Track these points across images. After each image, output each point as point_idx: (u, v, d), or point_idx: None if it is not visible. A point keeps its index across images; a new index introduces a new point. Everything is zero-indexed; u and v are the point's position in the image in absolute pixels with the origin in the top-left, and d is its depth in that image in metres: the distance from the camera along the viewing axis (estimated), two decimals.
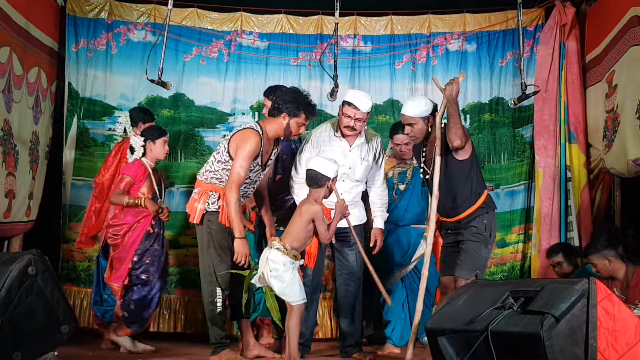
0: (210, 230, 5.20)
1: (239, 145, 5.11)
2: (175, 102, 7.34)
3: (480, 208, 5.10)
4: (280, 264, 4.81)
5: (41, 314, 4.21)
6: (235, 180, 5.05)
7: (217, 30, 7.47)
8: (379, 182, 5.73)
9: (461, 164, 5.06)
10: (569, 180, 7.07)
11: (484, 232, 5.06)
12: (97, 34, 7.29)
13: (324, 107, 7.30)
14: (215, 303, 5.18)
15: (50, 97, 6.96)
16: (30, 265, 4.17)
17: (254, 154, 5.12)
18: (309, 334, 5.61)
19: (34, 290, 4.18)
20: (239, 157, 5.08)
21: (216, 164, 5.24)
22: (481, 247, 5.05)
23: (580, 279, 3.54)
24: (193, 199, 5.29)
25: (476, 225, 5.07)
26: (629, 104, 5.99)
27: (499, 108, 7.43)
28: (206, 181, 5.27)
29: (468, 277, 4.95)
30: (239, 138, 5.16)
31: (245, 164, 5.08)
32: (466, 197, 5.09)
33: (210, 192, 5.22)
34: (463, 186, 5.08)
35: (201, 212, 5.19)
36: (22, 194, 6.36)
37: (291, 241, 4.89)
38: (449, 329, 3.93)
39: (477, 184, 5.14)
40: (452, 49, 7.50)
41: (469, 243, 5.06)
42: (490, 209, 5.18)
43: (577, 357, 3.37)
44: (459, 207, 5.11)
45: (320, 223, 4.95)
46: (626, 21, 6.06)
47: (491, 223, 5.14)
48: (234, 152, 5.14)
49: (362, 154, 5.58)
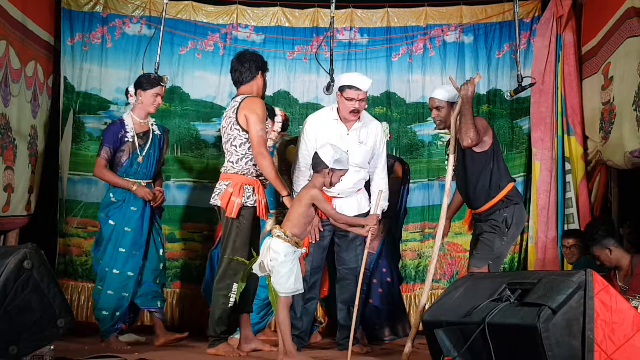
0: (240, 225, 5.19)
1: (249, 113, 5.17)
2: (170, 95, 7.31)
3: (501, 202, 5.16)
4: (281, 254, 4.76)
5: (37, 308, 4.20)
6: (262, 142, 5.13)
7: (212, 23, 7.46)
8: (379, 169, 5.70)
9: (478, 157, 5.13)
10: (569, 172, 7.07)
11: (501, 224, 5.13)
12: (92, 27, 7.26)
13: (320, 101, 7.32)
14: (228, 297, 5.16)
15: (47, 91, 6.94)
16: (26, 259, 4.16)
17: (264, 116, 5.23)
18: (305, 326, 5.60)
19: (29, 284, 4.17)
20: (253, 123, 5.15)
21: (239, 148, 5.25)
22: (495, 238, 5.13)
23: (577, 270, 3.54)
24: (228, 192, 5.21)
25: (496, 217, 5.15)
26: (625, 96, 5.99)
27: (497, 100, 7.44)
28: (240, 172, 5.24)
29: (479, 267, 5.06)
30: (247, 107, 5.20)
31: (262, 125, 5.18)
32: (483, 189, 5.16)
33: (245, 186, 5.21)
34: (480, 179, 5.15)
35: (238, 207, 5.17)
36: (22, 188, 6.35)
37: (291, 227, 4.84)
38: (446, 321, 3.93)
39: (498, 177, 5.19)
40: (449, 41, 7.50)
41: (484, 235, 5.18)
42: (513, 202, 5.20)
43: (573, 349, 3.36)
44: (477, 199, 5.20)
45: (324, 205, 4.94)
46: (622, 12, 6.06)
47: (513, 217, 5.18)
48: (244, 123, 5.19)
49: (360, 137, 5.55)
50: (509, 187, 5.19)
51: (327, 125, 5.55)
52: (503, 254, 5.34)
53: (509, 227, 5.15)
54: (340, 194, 5.49)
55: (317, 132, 5.54)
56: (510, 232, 5.18)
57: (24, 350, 4.18)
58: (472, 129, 4.94)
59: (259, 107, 5.19)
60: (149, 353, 5.20)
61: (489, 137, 5.15)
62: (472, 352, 3.71)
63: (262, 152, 5.10)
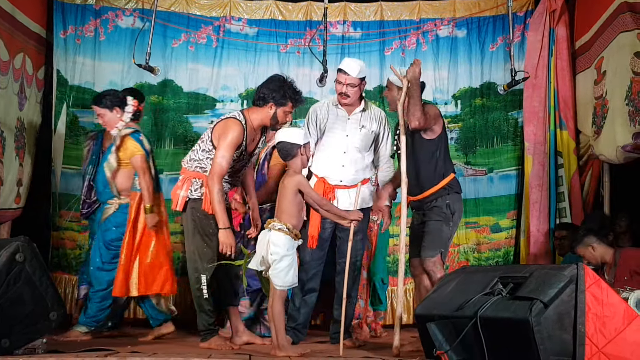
0: (195, 217, 5.17)
1: (221, 135, 5.07)
2: (163, 88, 7.31)
3: (443, 189, 5.25)
4: (283, 247, 4.75)
5: (29, 301, 4.21)
6: (218, 171, 5.00)
7: (205, 16, 7.44)
8: (385, 158, 5.72)
9: (427, 143, 5.22)
10: (561, 166, 7.09)
11: (445, 210, 5.20)
12: (85, 20, 7.23)
13: (313, 94, 7.31)
14: (201, 290, 5.16)
15: (36, 84, 6.89)
16: (18, 252, 4.17)
17: (236, 144, 5.07)
18: (303, 319, 5.60)
19: (22, 277, 4.18)
20: (220, 148, 5.03)
21: (200, 153, 5.21)
22: (442, 226, 5.19)
23: (569, 264, 3.55)
24: (176, 187, 5.25)
25: (438, 205, 5.21)
26: (617, 91, 6.00)
27: (490, 92, 7.44)
28: (190, 169, 5.25)
29: (433, 256, 5.12)
30: (221, 128, 5.11)
31: (227, 154, 5.02)
32: (429, 176, 5.24)
33: (194, 179, 5.19)
34: (427, 165, 5.24)
35: (184, 200, 5.17)
36: (10, 181, 6.33)
37: (289, 219, 4.82)
38: (438, 315, 3.94)
39: (443, 166, 5.29)
40: (442, 35, 7.50)
41: (430, 223, 5.22)
42: (454, 191, 5.31)
43: (565, 342, 3.38)
44: (422, 185, 5.25)
45: (309, 190, 4.93)
46: (615, 7, 6.06)
47: (454, 204, 5.26)
48: (216, 141, 5.10)
49: (361, 122, 5.59)
50: (450, 176, 5.30)
51: (328, 110, 5.63)
52: (450, 240, 5.39)
53: (453, 213, 5.23)
54: (342, 181, 5.51)
55: (319, 119, 5.62)
56: (455, 217, 5.26)
57: (16, 343, 4.19)
58: (419, 110, 5.02)
59: (233, 134, 5.05)
60: (141, 347, 5.20)
61: (439, 126, 5.25)
62: (464, 345, 3.72)
63: (213, 179, 4.98)
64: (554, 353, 3.34)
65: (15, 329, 4.16)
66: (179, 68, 7.37)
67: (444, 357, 3.81)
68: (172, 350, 5.07)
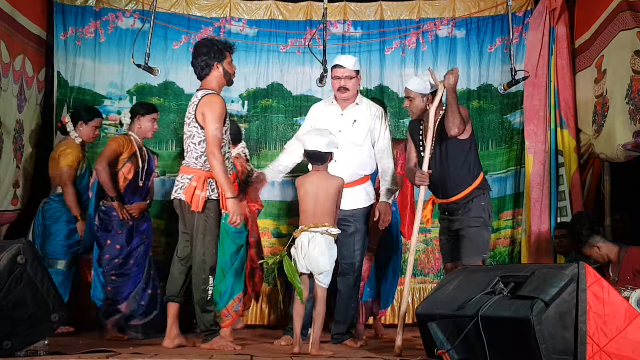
0: (208, 218, 5.16)
1: (205, 112, 5.07)
2: (164, 90, 7.32)
3: (477, 189, 5.19)
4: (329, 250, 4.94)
5: (31, 303, 4.21)
6: (215, 142, 5.02)
7: (205, 17, 7.44)
8: (384, 153, 5.72)
9: (461, 144, 5.17)
10: (561, 165, 7.09)
11: (483, 214, 5.16)
12: (85, 21, 7.23)
13: (313, 93, 7.33)
14: (207, 291, 5.16)
15: (37, 86, 6.90)
16: (19, 254, 4.17)
17: (222, 114, 5.11)
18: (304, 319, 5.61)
19: (23, 279, 4.18)
20: (210, 121, 5.04)
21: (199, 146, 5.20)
22: (482, 231, 5.16)
23: (570, 263, 3.56)
24: (192, 187, 5.19)
25: (474, 208, 5.15)
26: (618, 89, 6.00)
27: (487, 95, 7.45)
28: (204, 169, 5.21)
29: (476, 262, 5.04)
30: (202, 107, 5.10)
31: (219, 124, 5.05)
32: (463, 177, 5.18)
33: (209, 180, 5.19)
34: (461, 166, 5.19)
35: (203, 200, 5.14)
36: (7, 183, 6.32)
37: (331, 221, 5.01)
38: (439, 314, 3.95)
39: (475, 165, 5.25)
40: (442, 35, 7.50)
41: (469, 230, 5.14)
42: (487, 190, 5.27)
43: (566, 341, 3.38)
44: (456, 187, 5.19)
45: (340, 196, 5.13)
46: (615, 5, 6.07)
47: (488, 205, 5.24)
48: (202, 120, 5.10)
49: (354, 116, 5.65)
50: (481, 176, 5.28)
51: (323, 109, 5.79)
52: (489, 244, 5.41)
53: (490, 216, 5.26)
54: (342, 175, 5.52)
55: (314, 118, 5.76)
56: (490, 220, 5.29)
57: (18, 345, 4.19)
58: (459, 118, 5.00)
59: (216, 106, 5.08)
60: (143, 348, 5.20)
61: (470, 125, 5.25)
62: (465, 345, 3.73)
63: (213, 152, 5.00)
64: (555, 352, 3.34)
65: (17, 330, 4.16)
66: (180, 70, 7.35)
67: (445, 356, 3.82)
68: (174, 351, 5.07)
